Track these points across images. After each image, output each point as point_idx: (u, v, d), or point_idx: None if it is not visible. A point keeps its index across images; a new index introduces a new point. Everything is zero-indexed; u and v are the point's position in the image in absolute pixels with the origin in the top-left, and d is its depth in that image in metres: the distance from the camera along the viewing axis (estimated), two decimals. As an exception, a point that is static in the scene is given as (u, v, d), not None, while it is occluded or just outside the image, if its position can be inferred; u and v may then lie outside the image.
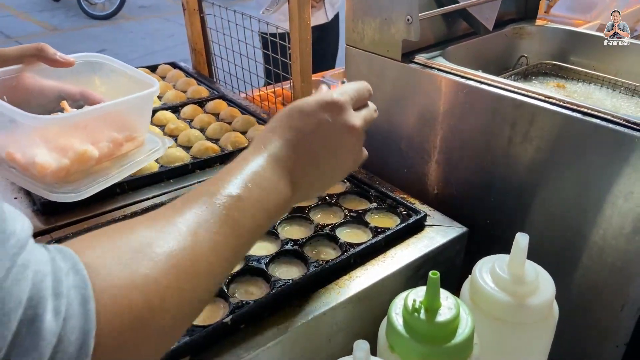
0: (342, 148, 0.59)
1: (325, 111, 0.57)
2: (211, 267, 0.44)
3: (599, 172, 0.71)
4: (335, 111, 0.57)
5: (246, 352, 0.59)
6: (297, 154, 0.55)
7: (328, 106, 0.57)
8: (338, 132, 0.57)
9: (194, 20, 1.39)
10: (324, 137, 0.57)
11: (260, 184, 0.51)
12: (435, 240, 0.79)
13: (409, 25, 0.88)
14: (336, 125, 0.57)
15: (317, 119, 0.56)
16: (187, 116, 1.16)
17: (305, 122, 0.57)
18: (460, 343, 0.55)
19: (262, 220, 0.51)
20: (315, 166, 0.57)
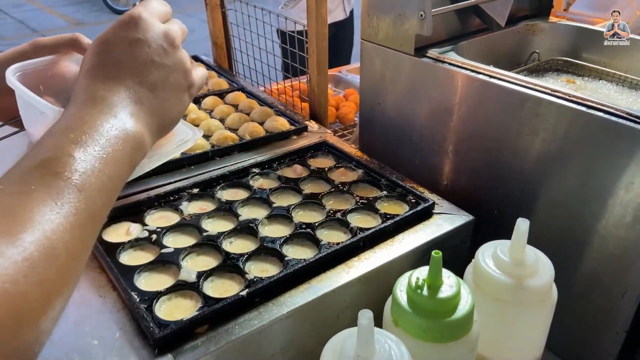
0: (167, 59, 0.55)
1: (130, 30, 0.53)
2: (70, 246, 0.40)
3: (602, 164, 0.74)
4: (140, 26, 0.54)
5: (260, 323, 0.64)
6: (127, 86, 0.51)
7: (129, 24, 0.54)
8: (154, 45, 0.54)
9: (215, 15, 1.43)
10: (144, 56, 0.53)
11: (104, 137, 0.47)
12: (442, 227, 0.82)
13: (421, 21, 0.91)
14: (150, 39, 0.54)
15: (127, 41, 0.53)
16: (208, 107, 1.21)
17: (117, 51, 0.53)
18: (460, 318, 0.58)
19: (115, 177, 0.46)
20: (151, 93, 0.53)
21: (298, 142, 1.08)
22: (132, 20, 0.54)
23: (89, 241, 0.44)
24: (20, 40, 4.03)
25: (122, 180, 0.49)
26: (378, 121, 1.08)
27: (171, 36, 0.55)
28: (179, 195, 0.87)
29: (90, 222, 0.43)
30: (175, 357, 0.59)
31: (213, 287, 0.69)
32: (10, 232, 0.37)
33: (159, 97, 0.54)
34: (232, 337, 0.62)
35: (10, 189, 0.41)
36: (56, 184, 0.41)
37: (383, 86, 1.04)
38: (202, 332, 0.62)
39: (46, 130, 0.49)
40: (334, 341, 0.55)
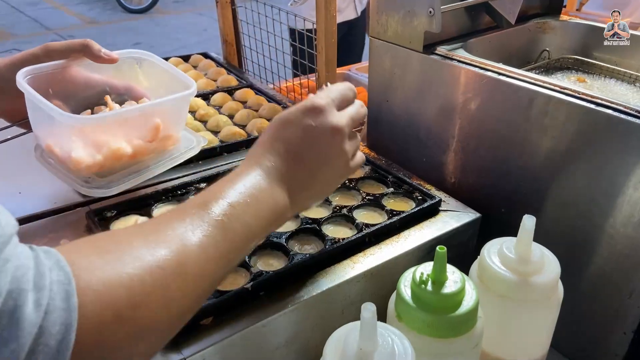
0: (330, 150, 0.60)
1: (307, 116, 0.58)
2: (200, 269, 0.45)
3: (610, 162, 0.73)
4: (316, 114, 0.59)
5: (264, 315, 0.64)
6: (287, 162, 0.57)
7: (309, 111, 0.59)
8: (322, 135, 0.59)
9: (226, 12, 1.44)
10: (310, 141, 0.58)
11: (252, 193, 0.53)
12: (448, 224, 0.82)
13: (430, 18, 0.91)
14: (320, 128, 0.58)
15: (302, 125, 0.58)
16: (217, 103, 1.21)
17: (290, 131, 0.58)
18: (464, 314, 0.58)
19: (255, 227, 0.53)
20: (307, 172, 0.59)
21: (306, 138, 1.08)
22: (313, 108, 0.59)
23: (216, 276, 0.50)
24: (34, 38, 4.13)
25: (257, 236, 0.54)
26: (386, 118, 1.08)
27: (340, 129, 0.60)
28: (187, 190, 0.88)
29: (224, 260, 0.49)
30: (180, 347, 0.60)
31: (219, 280, 0.70)
32: (152, 243, 0.43)
33: (315, 179, 0.60)
34: (236, 329, 0.62)
35: (171, 214, 0.49)
36: (207, 218, 0.48)
37: (391, 83, 1.04)
38: (207, 324, 0.63)
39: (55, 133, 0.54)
40: (337, 334, 0.56)
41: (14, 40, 5.74)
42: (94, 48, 0.80)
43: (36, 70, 0.76)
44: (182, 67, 1.42)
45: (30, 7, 7.14)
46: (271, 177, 0.56)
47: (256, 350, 0.65)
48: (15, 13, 6.93)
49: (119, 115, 0.80)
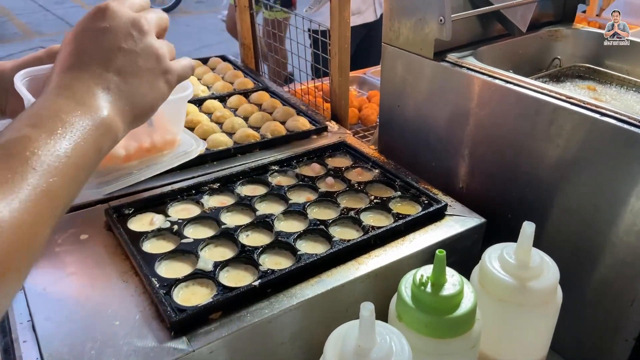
0: (135, 47, 0.55)
1: (96, 20, 0.55)
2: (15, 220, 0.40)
3: (615, 171, 0.75)
4: (108, 14, 0.55)
5: (270, 312, 0.67)
6: (88, 72, 0.52)
7: (94, 14, 0.55)
8: (120, 33, 0.55)
9: (244, 16, 1.48)
10: (108, 41, 0.54)
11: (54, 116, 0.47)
12: (453, 229, 0.84)
13: (441, 26, 0.93)
14: (116, 26, 0.55)
15: (91, 31, 0.55)
16: (233, 105, 1.25)
17: (80, 41, 0.54)
18: (461, 316, 0.60)
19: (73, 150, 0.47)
20: (119, 77, 0.54)
21: (318, 141, 1.11)
22: (99, 10, 0.56)
23: (44, 219, 0.44)
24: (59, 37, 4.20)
25: (87, 162, 0.49)
26: (397, 123, 1.10)
27: (139, 23, 0.56)
28: (201, 189, 0.92)
29: (47, 200, 0.44)
30: (189, 340, 0.63)
31: (228, 277, 0.73)
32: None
33: (129, 82, 0.55)
34: (243, 324, 0.65)
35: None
36: (12, 162, 0.43)
37: (403, 89, 1.06)
38: (215, 318, 0.66)
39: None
40: (338, 332, 0.58)
41: (40, 38, 5.88)
42: None
43: (35, 72, 0.76)
44: (201, 69, 1.46)
45: (56, 6, 7.31)
46: (81, 94, 0.51)
47: (262, 344, 0.68)
48: (42, 11, 7.11)
49: None
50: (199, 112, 1.19)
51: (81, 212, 0.87)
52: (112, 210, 0.84)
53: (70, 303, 0.69)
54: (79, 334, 0.64)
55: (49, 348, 0.62)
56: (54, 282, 0.73)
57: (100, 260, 0.77)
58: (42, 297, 0.70)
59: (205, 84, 1.38)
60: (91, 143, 0.49)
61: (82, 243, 0.80)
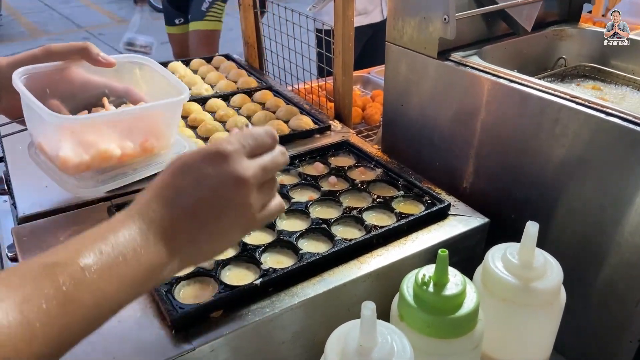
0: (229, 203, 0.53)
1: (207, 163, 0.52)
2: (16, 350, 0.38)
3: (620, 171, 0.74)
4: (219, 162, 0.52)
5: (271, 311, 0.67)
6: (174, 213, 0.50)
7: (211, 157, 0.53)
8: (222, 186, 0.52)
9: (248, 15, 1.48)
10: (206, 192, 0.52)
11: (121, 253, 0.46)
12: (456, 229, 0.84)
13: (445, 24, 0.92)
14: (220, 177, 0.52)
15: (199, 173, 0.52)
16: (236, 104, 1.25)
17: (186, 178, 0.52)
18: (464, 316, 0.60)
19: (114, 294, 0.46)
20: (197, 226, 0.52)
21: (321, 140, 1.10)
22: (216, 154, 0.53)
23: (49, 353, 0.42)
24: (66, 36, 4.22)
25: (122, 299, 0.47)
26: (401, 123, 1.10)
27: (244, 179, 0.53)
28: (204, 188, 0.91)
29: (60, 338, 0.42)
30: (190, 338, 0.63)
31: (230, 276, 0.73)
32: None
33: (205, 230, 0.52)
34: (244, 323, 0.65)
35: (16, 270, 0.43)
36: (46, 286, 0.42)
37: (406, 88, 1.06)
38: (217, 317, 0.66)
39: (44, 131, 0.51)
40: (339, 332, 0.58)
41: (47, 37, 5.91)
42: (92, 51, 0.82)
43: (33, 70, 0.78)
44: (205, 68, 1.46)
45: (63, 5, 7.34)
46: (151, 230, 0.49)
47: (263, 343, 0.68)
48: (48, 11, 7.14)
49: (107, 117, 0.81)
50: (202, 111, 1.19)
51: (84, 210, 0.87)
52: (115, 207, 0.84)
53: (72, 300, 0.69)
54: (80, 332, 0.64)
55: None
56: (56, 279, 0.73)
57: (102, 258, 0.77)
58: (44, 295, 0.70)
59: (209, 82, 1.38)
60: (140, 292, 0.50)
61: (85, 241, 0.80)
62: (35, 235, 0.81)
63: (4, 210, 1.10)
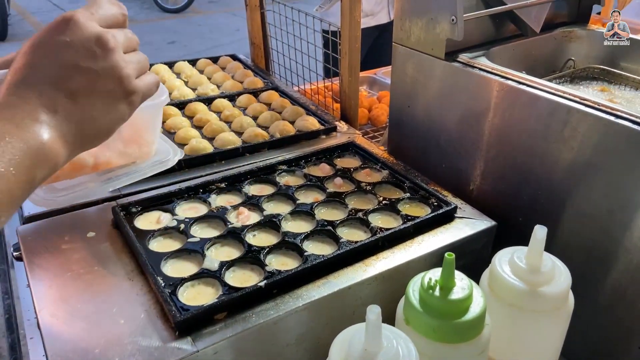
0: (96, 66, 0.50)
1: (59, 32, 0.50)
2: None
3: (629, 175, 0.73)
4: (70, 27, 0.50)
5: (276, 313, 0.66)
6: (35, 90, 0.47)
7: (59, 24, 0.50)
8: (82, 49, 0.49)
9: (254, 16, 1.48)
10: (68, 61, 0.49)
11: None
12: (463, 231, 0.83)
13: (453, 25, 0.91)
14: (77, 42, 0.49)
15: (50, 44, 0.49)
16: (242, 104, 1.24)
17: (37, 53, 0.49)
18: (470, 320, 0.59)
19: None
20: (70, 98, 0.49)
21: (326, 141, 1.10)
22: (63, 21, 0.50)
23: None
24: (73, 36, 4.13)
25: (15, 196, 0.45)
26: (407, 124, 1.09)
27: (104, 39, 0.50)
28: (208, 188, 0.91)
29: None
30: (194, 340, 0.62)
31: (234, 277, 0.72)
32: None
33: (81, 105, 0.50)
34: (248, 325, 0.64)
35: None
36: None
37: (413, 89, 1.05)
38: (220, 319, 0.65)
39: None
40: (343, 335, 0.57)
41: (54, 37, 5.94)
42: None
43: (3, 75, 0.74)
44: (211, 68, 1.46)
45: (70, 5, 7.38)
46: (21, 116, 0.46)
47: (267, 346, 0.68)
48: (56, 10, 7.18)
49: None
50: (208, 111, 1.19)
51: (89, 210, 0.87)
52: (120, 208, 0.84)
53: (76, 300, 0.69)
54: (83, 332, 0.64)
55: (54, 346, 0.62)
56: (60, 279, 0.73)
57: (107, 258, 0.76)
58: (48, 294, 0.70)
59: (215, 82, 1.38)
60: (22, 174, 0.45)
61: (89, 240, 0.80)
62: (40, 235, 0.81)
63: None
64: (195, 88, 1.33)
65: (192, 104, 1.21)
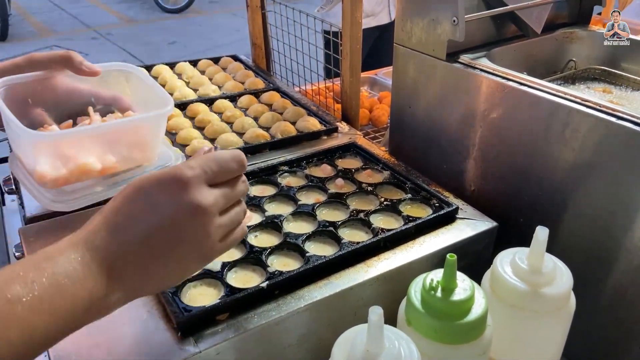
0: (187, 233, 0.49)
1: (164, 189, 0.48)
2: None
3: (630, 176, 0.73)
4: (176, 189, 0.48)
5: (278, 314, 0.66)
6: (123, 241, 0.47)
7: (168, 183, 0.49)
8: (178, 214, 0.48)
9: (255, 16, 1.48)
10: (161, 220, 0.48)
11: (53, 280, 0.42)
12: (464, 232, 0.83)
13: (454, 26, 0.92)
14: (176, 205, 0.48)
15: (154, 200, 0.48)
16: (243, 105, 1.25)
17: (140, 203, 0.48)
18: (472, 321, 0.59)
19: (45, 327, 0.41)
20: (150, 256, 0.48)
21: (328, 142, 1.10)
22: (173, 180, 0.49)
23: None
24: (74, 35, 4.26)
25: (54, 334, 0.43)
26: (408, 125, 1.09)
27: (202, 208, 0.49)
28: (210, 189, 0.91)
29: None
30: (196, 341, 0.63)
31: (236, 278, 0.72)
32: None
33: (160, 264, 0.49)
34: (250, 326, 0.65)
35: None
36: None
37: (414, 90, 1.05)
38: (222, 320, 0.65)
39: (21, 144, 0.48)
40: (345, 336, 0.57)
41: (55, 37, 5.94)
42: (75, 60, 0.78)
43: (13, 80, 0.75)
44: (212, 68, 1.46)
45: (71, 5, 7.39)
46: (94, 260, 0.45)
47: (269, 347, 0.68)
48: (57, 10, 7.18)
49: (85, 132, 0.77)
50: (209, 112, 1.19)
51: (91, 211, 0.87)
52: (122, 209, 0.84)
53: (78, 301, 0.69)
54: (85, 333, 0.63)
55: (56, 348, 0.62)
56: (63, 280, 0.73)
57: (109, 259, 0.76)
58: (51, 295, 0.70)
59: (216, 83, 1.38)
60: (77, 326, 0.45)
61: (91, 241, 0.80)
62: (43, 235, 0.81)
63: (12, 210, 1.11)
64: (196, 89, 1.33)
65: (193, 105, 1.21)
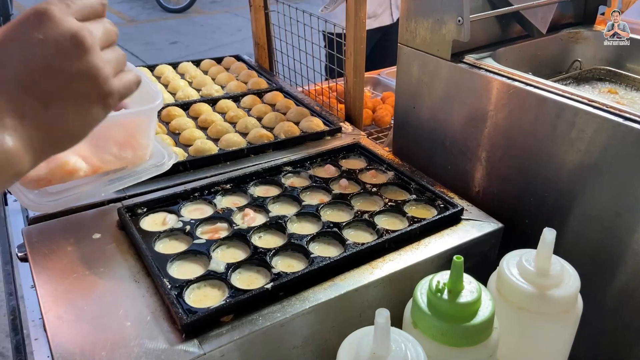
0: (71, 69, 0.45)
1: (30, 27, 0.45)
2: None
3: (636, 176, 0.72)
4: (43, 22, 0.45)
5: (282, 316, 0.66)
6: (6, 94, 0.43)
7: (30, 18, 0.45)
8: (56, 47, 0.45)
9: (258, 16, 1.47)
10: (40, 60, 0.44)
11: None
12: (470, 233, 0.82)
13: (459, 26, 0.91)
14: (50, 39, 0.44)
15: (24, 41, 0.44)
16: (247, 105, 1.24)
17: (10, 51, 0.44)
18: (479, 324, 0.59)
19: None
20: (39, 104, 0.45)
21: (331, 142, 1.10)
22: (36, 15, 0.45)
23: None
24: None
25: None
26: (412, 125, 1.09)
27: (80, 38, 0.45)
28: (214, 190, 0.91)
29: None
30: (200, 342, 0.62)
31: (240, 279, 0.72)
32: None
33: (51, 109, 0.45)
34: (255, 328, 0.64)
35: None
36: None
37: (419, 90, 1.04)
38: (227, 321, 0.65)
39: None
40: (351, 339, 0.57)
41: (57, 37, 5.94)
42: None
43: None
44: (215, 68, 1.46)
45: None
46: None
47: (273, 349, 0.67)
48: (59, 10, 7.18)
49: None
50: (212, 112, 1.19)
51: (94, 211, 0.87)
52: (125, 209, 0.84)
53: (82, 302, 0.69)
54: (89, 334, 0.64)
55: (60, 348, 0.62)
56: (66, 280, 0.72)
57: (112, 259, 0.76)
58: (54, 296, 0.70)
59: (219, 83, 1.37)
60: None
61: (95, 242, 0.80)
62: (45, 236, 0.81)
63: (14, 210, 1.11)
64: (199, 89, 1.33)
65: (196, 105, 1.20)
